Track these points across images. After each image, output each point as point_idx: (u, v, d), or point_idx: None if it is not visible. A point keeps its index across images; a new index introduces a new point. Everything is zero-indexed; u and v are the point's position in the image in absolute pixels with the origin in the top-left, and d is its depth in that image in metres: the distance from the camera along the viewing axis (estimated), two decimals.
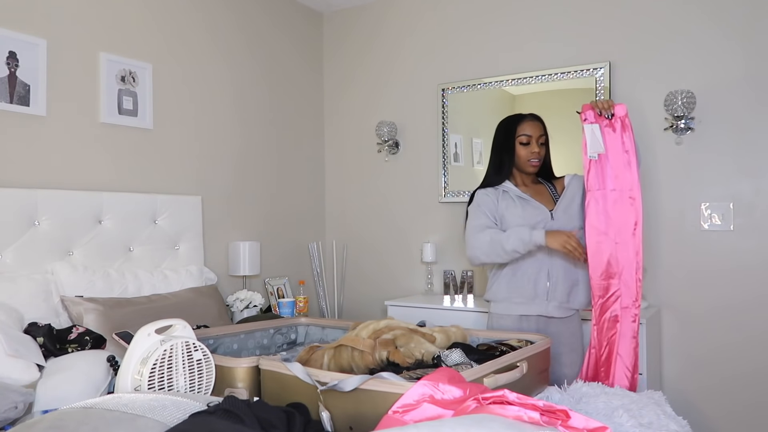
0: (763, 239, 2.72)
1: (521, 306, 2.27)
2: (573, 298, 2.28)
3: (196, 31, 3.17)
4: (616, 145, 2.16)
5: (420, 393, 1.32)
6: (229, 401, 1.32)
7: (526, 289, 2.27)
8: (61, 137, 2.57)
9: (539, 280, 2.26)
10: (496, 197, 2.32)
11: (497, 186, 2.35)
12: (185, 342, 1.66)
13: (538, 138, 2.31)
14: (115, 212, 2.68)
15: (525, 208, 2.28)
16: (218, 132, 3.29)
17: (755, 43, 2.73)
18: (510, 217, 2.28)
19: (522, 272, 2.28)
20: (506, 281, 2.31)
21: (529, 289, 2.27)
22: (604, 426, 1.17)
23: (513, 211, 2.28)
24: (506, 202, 2.30)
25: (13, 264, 2.34)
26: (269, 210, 3.60)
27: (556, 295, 2.26)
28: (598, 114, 2.16)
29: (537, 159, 2.31)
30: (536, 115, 2.37)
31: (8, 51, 2.39)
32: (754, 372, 2.72)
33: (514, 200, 2.30)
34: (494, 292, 2.35)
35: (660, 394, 1.90)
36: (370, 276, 3.82)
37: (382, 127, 3.63)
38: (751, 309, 2.73)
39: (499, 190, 2.34)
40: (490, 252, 2.23)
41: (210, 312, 2.72)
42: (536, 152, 2.30)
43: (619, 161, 2.16)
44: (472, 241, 2.28)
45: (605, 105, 2.14)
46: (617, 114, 2.15)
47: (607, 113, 2.15)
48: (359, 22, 3.88)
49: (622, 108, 2.16)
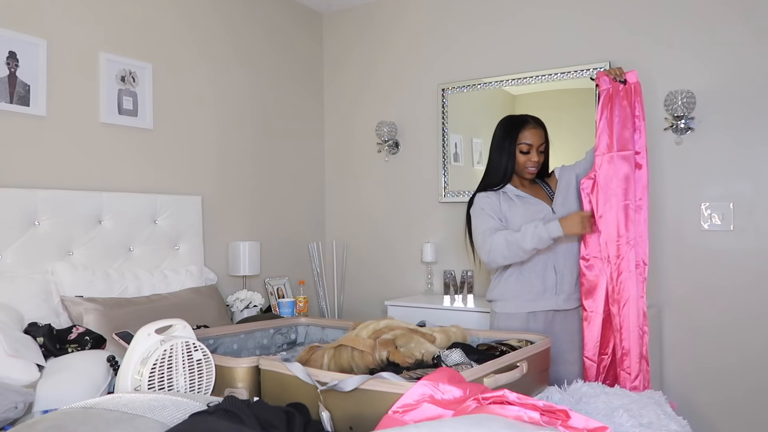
0: (763, 239, 2.72)
1: (531, 303, 2.28)
2: (579, 289, 2.30)
3: (195, 31, 3.17)
4: (626, 110, 2.22)
5: (420, 393, 1.32)
6: (229, 401, 1.31)
7: (534, 285, 2.28)
8: (61, 137, 2.57)
9: (547, 275, 2.28)
10: (497, 199, 2.32)
11: (497, 188, 2.35)
12: (185, 342, 1.66)
13: (538, 146, 2.30)
14: (115, 212, 2.68)
15: (526, 206, 2.29)
16: (218, 132, 3.29)
17: (755, 43, 2.73)
18: (513, 217, 2.28)
19: (529, 269, 2.29)
20: (514, 279, 2.31)
21: (538, 285, 2.28)
22: (604, 426, 1.17)
23: (516, 211, 2.28)
24: (508, 203, 2.31)
25: (13, 264, 2.34)
26: (269, 210, 3.60)
27: (564, 287, 2.29)
28: (613, 79, 2.24)
29: (535, 167, 2.32)
30: (539, 120, 2.35)
31: (8, 51, 2.39)
32: (754, 372, 2.72)
33: (514, 200, 2.31)
34: (501, 292, 2.34)
35: (660, 394, 1.90)
36: (370, 276, 3.82)
37: (382, 127, 3.63)
38: (751, 309, 2.73)
39: (498, 192, 2.34)
40: (509, 254, 2.22)
41: (210, 312, 2.72)
42: (535, 161, 2.30)
43: (630, 126, 2.22)
44: (488, 245, 2.25)
45: (618, 72, 2.24)
46: (629, 80, 2.24)
47: (620, 78, 2.24)
48: (359, 22, 3.88)
49: (633, 74, 2.25)
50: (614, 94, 2.23)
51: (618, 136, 2.21)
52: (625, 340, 2.18)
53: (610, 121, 2.22)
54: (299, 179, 3.82)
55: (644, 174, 2.22)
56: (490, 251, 2.24)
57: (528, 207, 2.29)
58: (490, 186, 2.36)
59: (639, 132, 2.23)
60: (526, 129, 2.30)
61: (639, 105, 2.23)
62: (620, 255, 2.19)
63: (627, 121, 2.22)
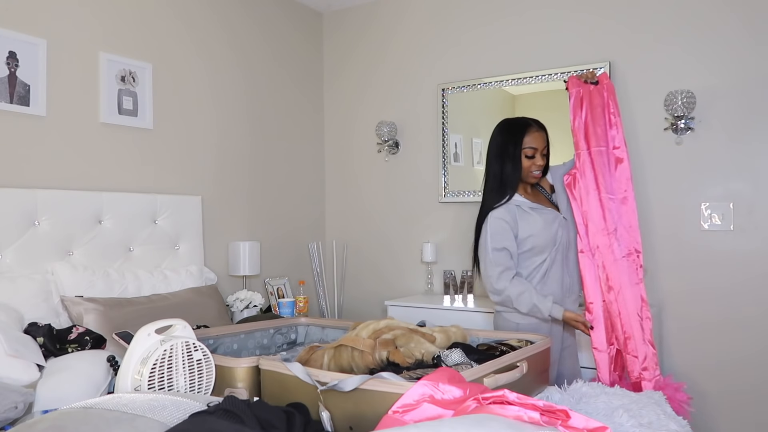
0: (763, 239, 2.72)
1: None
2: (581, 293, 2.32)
3: (196, 31, 3.17)
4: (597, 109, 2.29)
5: (420, 393, 1.32)
6: (229, 401, 1.32)
7: (557, 291, 2.27)
8: (61, 137, 2.57)
9: (564, 281, 2.30)
10: (513, 217, 2.23)
11: (508, 203, 2.25)
12: (185, 342, 1.66)
13: (542, 150, 2.27)
14: (115, 212, 2.68)
15: (543, 216, 2.26)
16: (218, 132, 3.29)
17: (756, 43, 2.73)
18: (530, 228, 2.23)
19: (551, 277, 2.27)
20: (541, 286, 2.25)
21: (557, 290, 2.28)
22: (604, 426, 1.17)
23: (534, 225, 2.23)
24: (524, 218, 2.24)
25: (13, 264, 2.34)
26: (269, 210, 3.60)
27: (573, 289, 2.33)
28: (584, 82, 2.30)
29: (539, 171, 2.29)
30: (540, 123, 2.30)
31: (8, 51, 2.39)
32: (754, 372, 2.72)
33: (529, 212, 2.26)
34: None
35: (660, 394, 1.91)
36: (370, 276, 3.82)
37: (382, 127, 3.63)
38: (751, 309, 2.73)
39: (512, 209, 2.24)
40: (517, 304, 2.19)
41: (210, 312, 2.72)
42: (540, 165, 2.27)
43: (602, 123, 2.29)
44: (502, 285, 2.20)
45: (589, 75, 2.33)
46: (601, 80, 2.31)
47: (591, 80, 2.31)
48: (359, 22, 3.88)
49: (604, 75, 2.34)
50: (584, 95, 2.30)
51: (592, 133, 2.27)
52: (626, 324, 2.21)
53: (585, 121, 2.29)
54: (299, 179, 3.82)
55: (626, 167, 2.28)
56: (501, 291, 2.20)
57: (545, 217, 2.26)
58: (500, 197, 2.26)
59: (616, 128, 2.29)
60: (529, 133, 2.24)
61: (612, 102, 2.31)
62: (605, 244, 2.23)
63: (599, 119, 2.28)
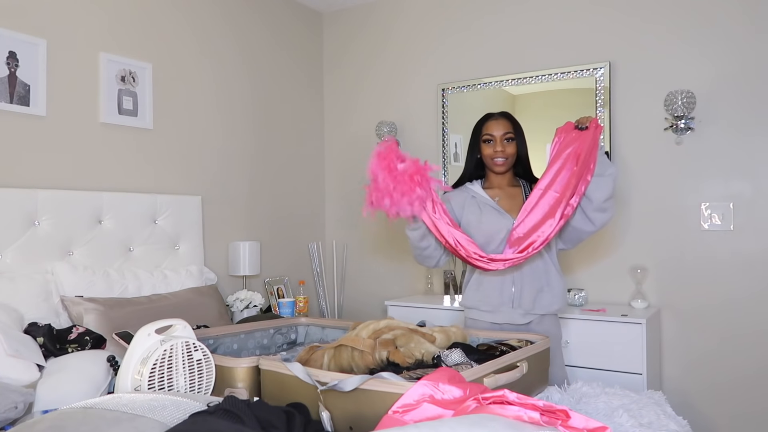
0: (763, 239, 2.72)
1: (488, 314, 2.25)
2: (539, 304, 2.21)
3: (195, 32, 3.17)
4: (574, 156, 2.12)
5: (420, 393, 1.33)
6: (229, 401, 1.32)
7: (492, 297, 2.24)
8: (61, 137, 2.57)
9: (504, 288, 2.23)
10: (459, 203, 2.29)
11: (463, 188, 2.33)
12: (185, 342, 1.66)
13: (502, 136, 2.24)
14: (115, 212, 2.68)
15: (489, 217, 2.22)
16: (218, 132, 3.29)
17: (756, 43, 2.73)
18: (468, 221, 2.25)
19: (488, 281, 2.25)
20: (474, 288, 2.28)
21: (495, 297, 2.23)
22: (604, 426, 1.17)
23: (470, 217, 2.24)
24: (470, 209, 2.26)
25: (13, 264, 2.34)
26: (269, 210, 3.60)
27: (522, 302, 2.21)
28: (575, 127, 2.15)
29: (501, 158, 2.24)
30: (505, 113, 2.31)
31: (8, 51, 2.39)
32: (754, 372, 2.72)
33: (479, 207, 2.25)
34: (465, 299, 2.33)
35: (660, 394, 1.91)
36: (370, 276, 3.82)
37: (382, 127, 3.63)
38: (751, 309, 2.73)
39: (467, 194, 2.30)
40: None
41: (210, 312, 2.72)
42: (500, 150, 2.23)
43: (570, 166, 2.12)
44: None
45: (584, 120, 2.15)
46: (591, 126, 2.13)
47: (582, 126, 2.14)
48: (359, 22, 3.88)
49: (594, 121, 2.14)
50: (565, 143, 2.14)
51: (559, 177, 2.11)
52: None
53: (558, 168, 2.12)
54: (299, 179, 3.82)
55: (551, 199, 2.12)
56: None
57: (490, 219, 2.21)
58: (461, 181, 2.36)
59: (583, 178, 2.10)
60: (489, 121, 2.29)
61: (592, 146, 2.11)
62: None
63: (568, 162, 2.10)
